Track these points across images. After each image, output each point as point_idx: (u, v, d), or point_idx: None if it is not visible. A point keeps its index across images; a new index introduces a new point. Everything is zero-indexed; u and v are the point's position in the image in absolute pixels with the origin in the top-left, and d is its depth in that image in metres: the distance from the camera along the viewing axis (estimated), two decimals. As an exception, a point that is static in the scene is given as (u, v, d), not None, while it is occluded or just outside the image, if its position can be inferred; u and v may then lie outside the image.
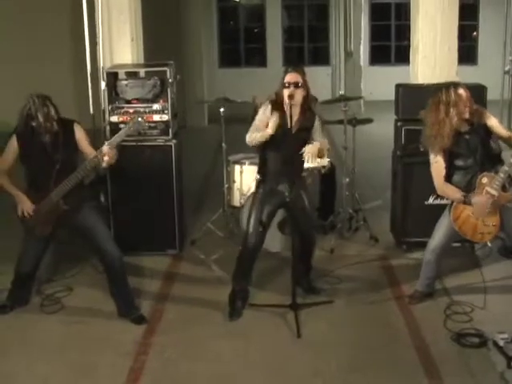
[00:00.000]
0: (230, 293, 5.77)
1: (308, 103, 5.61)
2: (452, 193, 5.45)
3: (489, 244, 5.63)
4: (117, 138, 5.43)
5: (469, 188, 5.38)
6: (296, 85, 5.44)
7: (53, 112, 5.35)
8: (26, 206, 5.46)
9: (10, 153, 5.49)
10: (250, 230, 5.61)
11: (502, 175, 5.23)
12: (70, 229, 5.75)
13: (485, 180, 5.29)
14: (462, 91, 5.32)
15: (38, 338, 5.41)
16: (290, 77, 5.51)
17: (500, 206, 5.33)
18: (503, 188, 5.29)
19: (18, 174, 5.68)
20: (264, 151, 5.65)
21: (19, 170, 5.61)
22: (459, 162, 5.42)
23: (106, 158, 5.30)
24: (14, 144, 5.46)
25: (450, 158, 5.43)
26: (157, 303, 5.97)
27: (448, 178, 5.47)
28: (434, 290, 5.92)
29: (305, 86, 5.52)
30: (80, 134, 5.56)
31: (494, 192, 5.25)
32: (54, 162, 5.36)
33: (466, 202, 5.35)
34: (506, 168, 5.23)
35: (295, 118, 5.47)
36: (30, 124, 5.31)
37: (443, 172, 5.46)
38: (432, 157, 5.48)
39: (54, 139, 5.40)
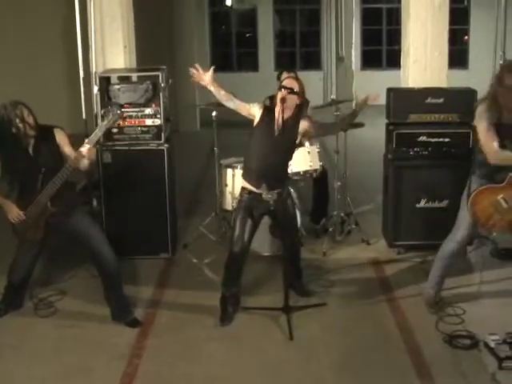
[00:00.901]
0: (220, 298, 5.77)
1: (299, 113, 5.57)
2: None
3: (494, 234, 5.64)
4: (97, 133, 5.43)
5: (495, 172, 5.34)
6: (291, 90, 5.45)
7: (26, 113, 5.26)
8: (13, 212, 5.45)
9: None
10: (235, 236, 5.60)
11: None
12: (62, 233, 5.74)
13: None
14: None
15: (31, 341, 5.42)
16: (287, 81, 5.54)
17: None
18: None
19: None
20: (249, 154, 5.66)
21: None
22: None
23: (85, 161, 5.34)
24: None
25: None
26: (150, 307, 5.98)
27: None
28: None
29: (300, 94, 5.50)
30: (60, 138, 5.49)
31: None
32: (39, 166, 5.33)
33: None
34: None
35: (283, 121, 5.46)
36: (7, 131, 5.25)
37: (495, 138, 5.20)
38: (483, 124, 5.26)
39: (35, 145, 5.37)
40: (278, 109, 5.43)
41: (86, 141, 5.38)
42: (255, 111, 5.54)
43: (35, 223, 5.46)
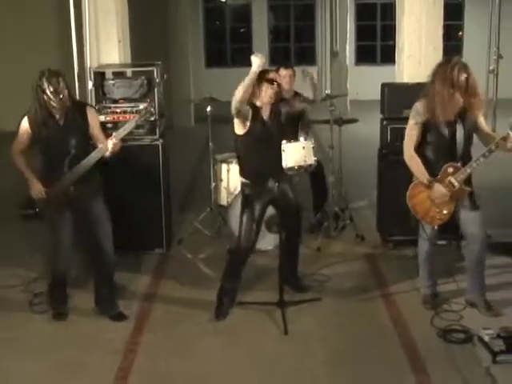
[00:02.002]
0: (218, 292, 5.77)
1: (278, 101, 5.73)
2: (418, 168, 5.41)
3: (435, 227, 5.68)
4: (126, 128, 5.44)
5: (434, 166, 5.40)
6: (278, 84, 5.58)
7: (62, 86, 5.25)
8: (36, 189, 5.42)
9: (23, 133, 5.41)
10: (243, 233, 5.60)
11: (468, 170, 5.28)
12: (79, 213, 5.56)
13: (450, 170, 5.31)
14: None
15: (27, 337, 5.42)
16: (274, 75, 5.71)
17: (456, 197, 5.37)
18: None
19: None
20: (245, 152, 5.67)
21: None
22: (433, 137, 5.41)
23: (110, 151, 5.32)
24: (25, 125, 5.38)
25: (432, 129, 5.39)
26: (144, 302, 5.98)
27: (420, 147, 5.46)
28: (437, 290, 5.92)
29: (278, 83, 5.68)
30: (93, 119, 5.52)
31: (456, 184, 5.29)
32: (69, 146, 5.35)
33: (429, 186, 5.37)
34: (474, 164, 5.26)
35: (267, 111, 5.58)
36: (42, 100, 5.25)
37: (415, 140, 5.42)
38: (413, 121, 5.43)
39: (66, 118, 5.36)
40: (264, 103, 5.51)
41: (114, 134, 5.40)
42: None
43: (56, 202, 5.43)
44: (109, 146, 5.31)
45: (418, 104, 5.44)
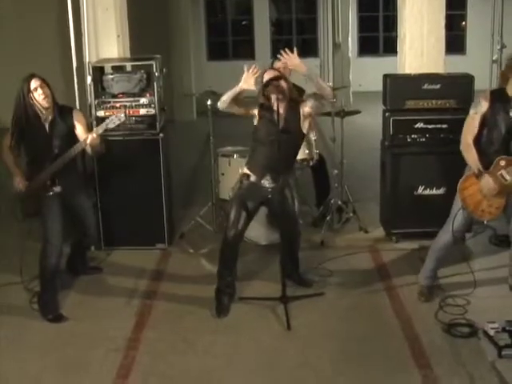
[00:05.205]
0: (215, 292, 5.73)
1: (292, 95, 5.58)
2: (472, 158, 5.32)
3: (485, 222, 5.60)
4: (99, 128, 5.60)
5: (487, 159, 5.31)
6: (276, 79, 5.41)
7: (46, 89, 5.45)
8: (18, 179, 5.61)
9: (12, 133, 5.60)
10: (230, 221, 5.57)
11: None
12: (64, 206, 5.71)
13: (503, 163, 5.25)
14: None
15: (28, 335, 5.38)
16: (268, 74, 5.50)
17: (508, 191, 5.30)
18: None
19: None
20: (255, 144, 5.63)
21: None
22: (489, 130, 5.35)
23: (88, 143, 5.49)
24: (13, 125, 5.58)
25: (490, 122, 5.33)
26: (146, 298, 5.94)
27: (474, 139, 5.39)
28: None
29: (284, 77, 5.54)
30: (78, 119, 5.66)
31: (508, 177, 5.23)
32: (53, 146, 5.50)
33: (478, 176, 5.28)
34: None
35: (282, 112, 5.45)
36: (27, 105, 5.42)
37: (475, 131, 5.34)
38: (473, 111, 5.37)
39: (52, 122, 5.51)
40: (273, 102, 5.38)
41: (94, 130, 5.60)
42: (255, 111, 5.56)
43: (34, 197, 5.58)
44: (88, 139, 5.48)
45: (481, 95, 5.39)
